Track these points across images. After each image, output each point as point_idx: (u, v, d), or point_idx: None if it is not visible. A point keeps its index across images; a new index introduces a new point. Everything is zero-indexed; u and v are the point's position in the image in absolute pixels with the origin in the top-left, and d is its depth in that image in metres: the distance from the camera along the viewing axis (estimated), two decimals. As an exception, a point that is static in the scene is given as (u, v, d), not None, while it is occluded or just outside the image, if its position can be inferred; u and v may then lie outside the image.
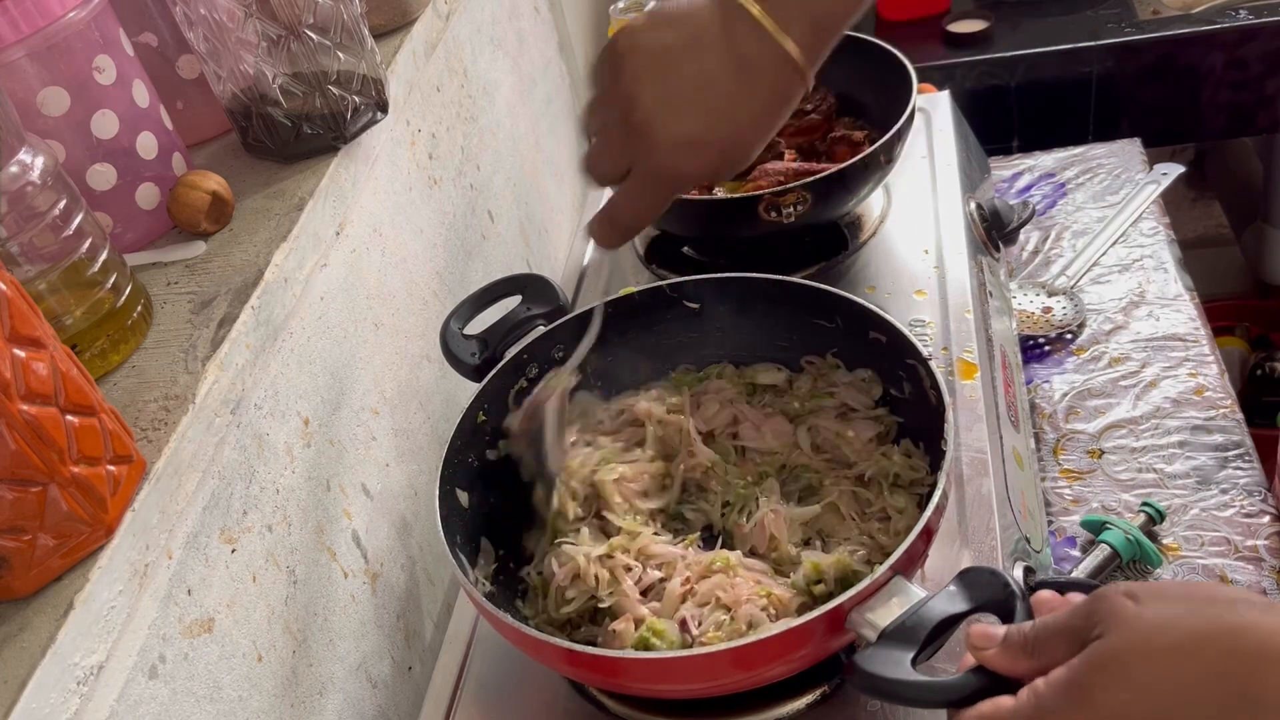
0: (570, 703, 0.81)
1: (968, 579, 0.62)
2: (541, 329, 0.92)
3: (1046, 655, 0.55)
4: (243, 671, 0.71)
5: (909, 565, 0.67)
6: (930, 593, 0.63)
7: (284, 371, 0.79)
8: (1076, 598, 0.58)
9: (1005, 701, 0.55)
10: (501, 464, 0.88)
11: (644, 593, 0.76)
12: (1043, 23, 1.77)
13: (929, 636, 0.61)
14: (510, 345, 0.91)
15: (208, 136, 0.89)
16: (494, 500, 0.87)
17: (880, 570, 0.65)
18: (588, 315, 0.84)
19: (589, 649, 0.68)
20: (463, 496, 0.84)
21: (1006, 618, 0.59)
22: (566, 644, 0.68)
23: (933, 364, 0.78)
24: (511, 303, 0.95)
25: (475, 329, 0.93)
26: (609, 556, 0.77)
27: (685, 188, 0.69)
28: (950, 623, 0.62)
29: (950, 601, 0.62)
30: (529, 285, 0.95)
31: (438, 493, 0.79)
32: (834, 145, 1.14)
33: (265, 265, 0.72)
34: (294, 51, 0.77)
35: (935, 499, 0.68)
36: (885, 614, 0.63)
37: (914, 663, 0.60)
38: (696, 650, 0.65)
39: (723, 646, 0.64)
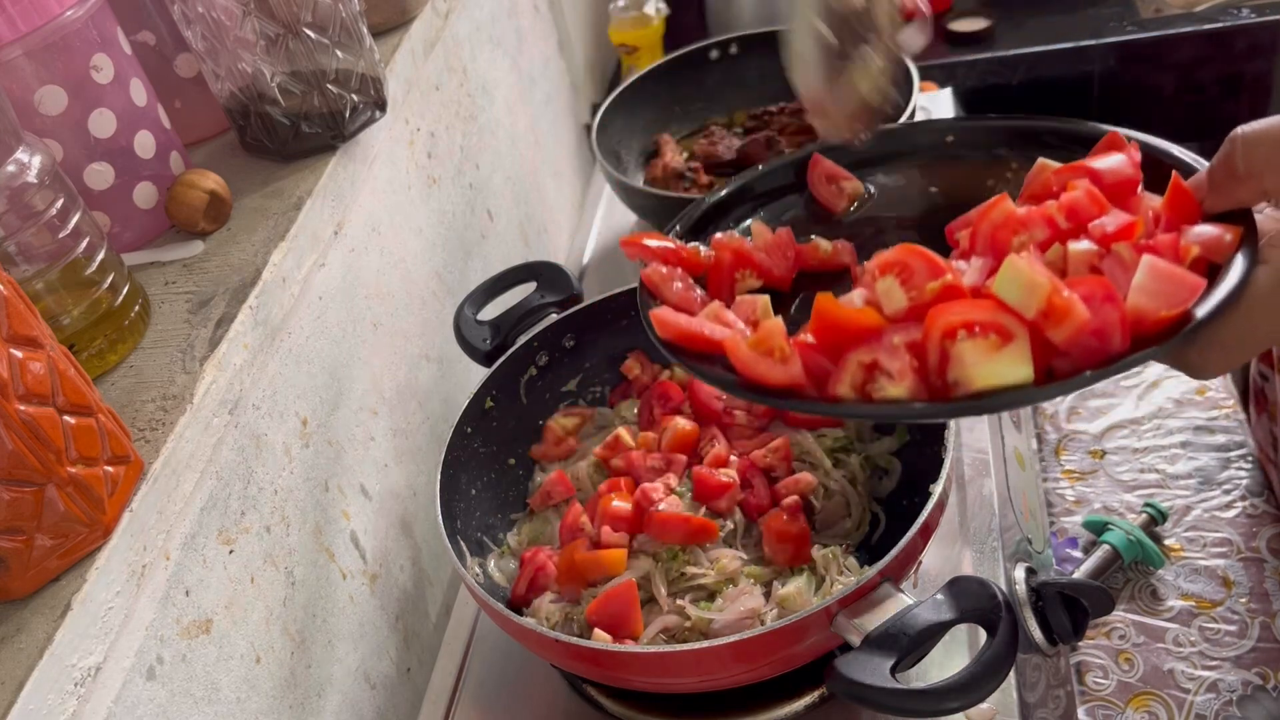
0: (569, 703, 0.80)
1: (956, 588, 0.62)
2: (554, 317, 0.92)
3: (1259, 168, 0.48)
4: (241, 673, 0.71)
5: (899, 570, 0.66)
6: (918, 600, 0.63)
7: (282, 371, 0.79)
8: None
9: (1260, 273, 0.46)
10: (505, 455, 0.88)
11: None
12: (1044, 21, 1.76)
13: (912, 644, 0.61)
14: (522, 332, 0.91)
15: (206, 135, 0.89)
16: (498, 490, 0.87)
17: (869, 573, 0.65)
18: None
19: (585, 642, 0.68)
20: (466, 482, 0.84)
21: (992, 629, 0.59)
22: (562, 636, 0.68)
23: None
24: (525, 290, 0.95)
25: (488, 315, 0.94)
26: None
27: None
28: (934, 631, 0.61)
29: (936, 610, 0.61)
30: (544, 273, 0.95)
31: (439, 478, 0.79)
32: (835, 144, 1.13)
33: (263, 265, 0.72)
34: (292, 50, 0.77)
35: (932, 501, 0.68)
36: (871, 619, 0.63)
37: (894, 670, 0.59)
38: (690, 646, 0.65)
39: (717, 642, 0.64)
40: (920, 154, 0.72)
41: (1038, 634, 0.75)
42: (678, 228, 0.70)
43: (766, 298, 0.60)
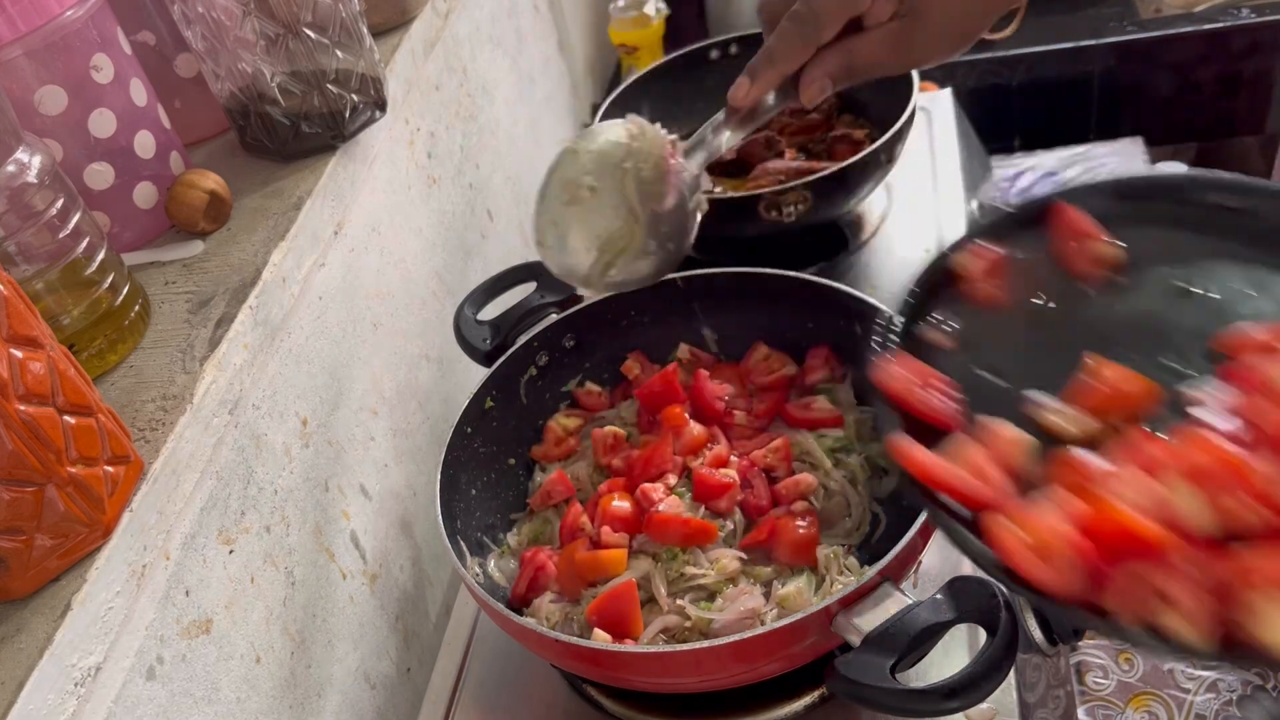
0: (569, 703, 0.80)
1: (956, 588, 0.62)
2: (554, 317, 0.92)
3: None
4: (241, 673, 0.71)
5: (899, 570, 0.67)
6: (918, 600, 0.63)
7: (282, 371, 0.79)
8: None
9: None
10: (504, 456, 0.88)
11: None
12: (1044, 21, 1.76)
13: (912, 644, 0.61)
14: (522, 332, 0.91)
15: (206, 135, 0.89)
16: (498, 490, 0.87)
17: (869, 573, 0.65)
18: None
19: (585, 642, 0.68)
20: (465, 482, 0.84)
21: (992, 629, 0.59)
22: (562, 636, 0.68)
23: None
24: (525, 290, 0.95)
25: (488, 315, 0.94)
26: None
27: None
28: (934, 631, 0.61)
29: (935, 610, 0.62)
30: (544, 273, 0.95)
31: (439, 478, 0.79)
32: (834, 144, 1.13)
33: (263, 265, 0.72)
34: (292, 50, 0.77)
35: None
36: (871, 619, 0.63)
37: (894, 670, 0.59)
38: (690, 646, 0.65)
39: (717, 642, 0.64)
40: (1194, 222, 0.61)
41: (1038, 634, 0.75)
42: (915, 290, 0.63)
43: (1029, 439, 0.53)
